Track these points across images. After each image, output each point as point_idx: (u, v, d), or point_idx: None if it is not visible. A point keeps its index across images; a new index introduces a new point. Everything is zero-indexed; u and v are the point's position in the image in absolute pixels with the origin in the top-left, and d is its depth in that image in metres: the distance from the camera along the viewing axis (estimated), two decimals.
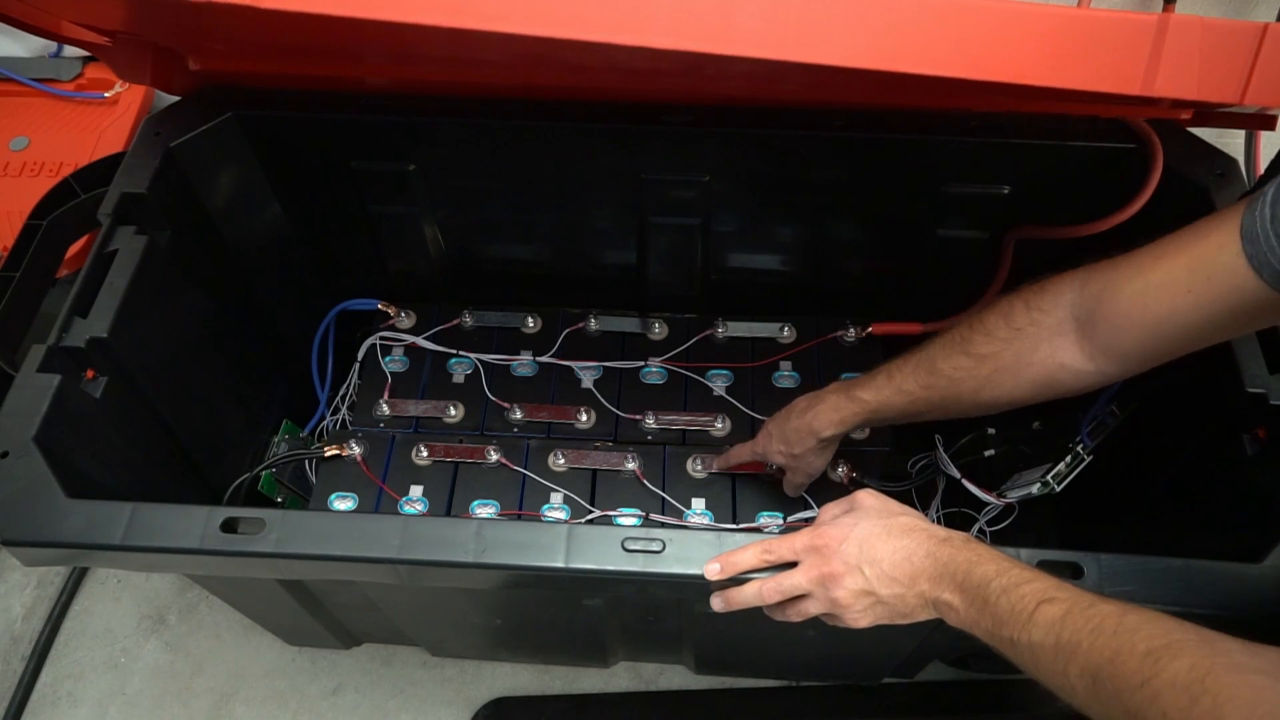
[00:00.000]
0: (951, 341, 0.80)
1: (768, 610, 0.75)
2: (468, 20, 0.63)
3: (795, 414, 0.93)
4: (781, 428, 0.95)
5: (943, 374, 0.80)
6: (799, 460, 0.95)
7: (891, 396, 0.84)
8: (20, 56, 1.36)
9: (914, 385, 0.82)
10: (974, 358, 0.78)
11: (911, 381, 0.83)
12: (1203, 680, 0.48)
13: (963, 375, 0.79)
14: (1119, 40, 0.66)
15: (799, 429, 0.92)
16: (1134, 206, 0.92)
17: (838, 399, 0.89)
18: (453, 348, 1.17)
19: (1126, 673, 0.52)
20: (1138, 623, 0.53)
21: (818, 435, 0.91)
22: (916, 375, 0.82)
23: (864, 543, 0.69)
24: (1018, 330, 0.75)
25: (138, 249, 0.90)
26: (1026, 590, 0.60)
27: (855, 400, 0.87)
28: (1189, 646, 0.50)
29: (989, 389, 0.78)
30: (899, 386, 0.84)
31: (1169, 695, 0.49)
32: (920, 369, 0.82)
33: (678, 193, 1.05)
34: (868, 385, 0.87)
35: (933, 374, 0.81)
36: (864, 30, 0.64)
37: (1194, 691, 0.48)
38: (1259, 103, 0.67)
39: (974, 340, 0.78)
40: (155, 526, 0.74)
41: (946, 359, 0.80)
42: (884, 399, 0.85)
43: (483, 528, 0.74)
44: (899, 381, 0.84)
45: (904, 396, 0.83)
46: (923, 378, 0.82)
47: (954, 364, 0.79)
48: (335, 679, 1.24)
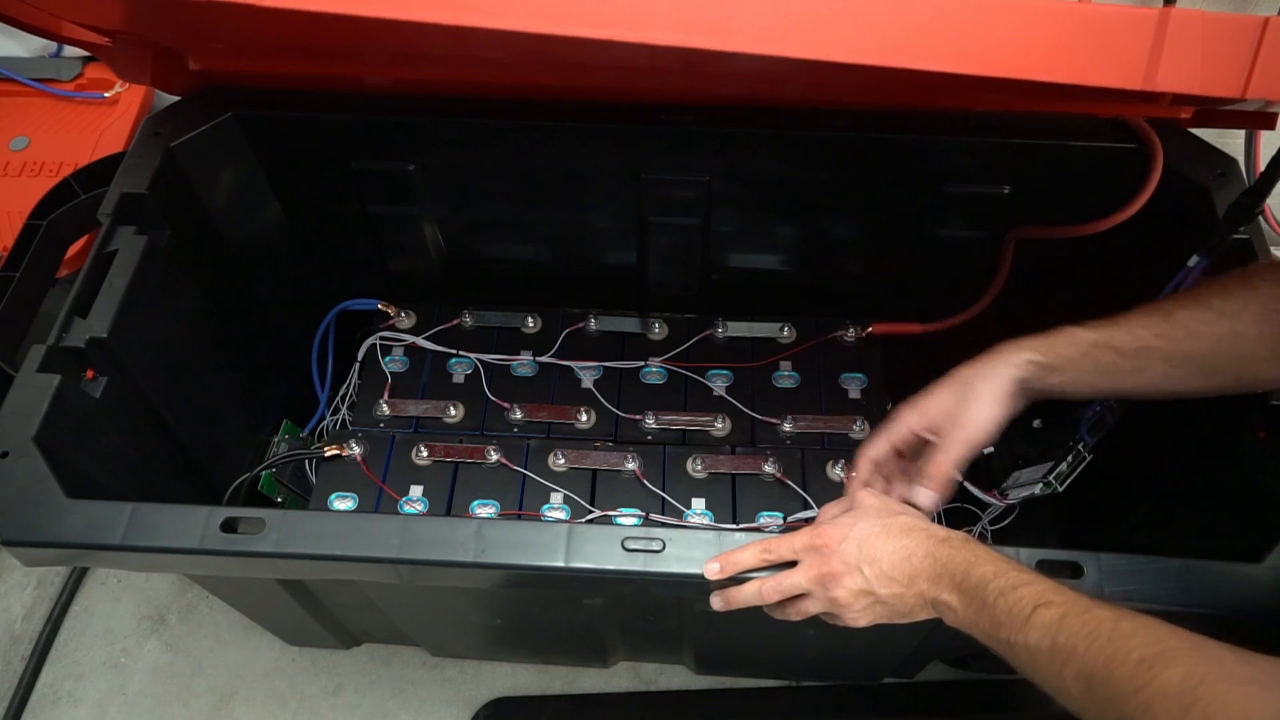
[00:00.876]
0: (1186, 296, 0.74)
1: (767, 609, 0.75)
2: (467, 17, 0.63)
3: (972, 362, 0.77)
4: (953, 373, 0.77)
5: (1179, 323, 0.72)
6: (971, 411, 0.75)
7: (1118, 337, 0.73)
8: (20, 56, 1.36)
9: (1146, 330, 0.72)
10: (1214, 311, 0.71)
11: (1143, 326, 0.72)
12: (1195, 690, 0.48)
13: (1201, 328, 0.71)
14: (1120, 34, 0.66)
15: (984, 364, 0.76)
16: (1134, 206, 0.93)
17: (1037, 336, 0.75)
18: (453, 348, 1.17)
19: (1120, 679, 0.52)
20: (1133, 629, 0.54)
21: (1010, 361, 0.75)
22: (1148, 321, 0.72)
23: (863, 542, 0.69)
24: (1255, 291, 0.70)
25: (138, 249, 0.90)
26: (1024, 593, 0.60)
27: (1066, 332, 0.74)
28: (1182, 654, 0.50)
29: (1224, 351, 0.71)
30: (1128, 329, 0.73)
31: (1161, 703, 0.49)
32: (1152, 316, 0.73)
33: (678, 193, 1.05)
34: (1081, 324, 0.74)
35: (1169, 321, 0.72)
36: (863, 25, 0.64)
37: (1186, 700, 0.48)
38: (1261, 96, 0.67)
39: (1212, 295, 0.72)
40: (155, 526, 0.74)
41: (1182, 309, 0.72)
42: (1107, 337, 0.73)
43: (483, 528, 0.74)
44: (1126, 324, 0.73)
45: (1133, 340, 0.72)
46: (1157, 324, 0.72)
47: (1190, 314, 0.72)
48: (335, 679, 1.24)
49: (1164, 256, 0.93)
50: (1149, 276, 0.95)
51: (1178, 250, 0.90)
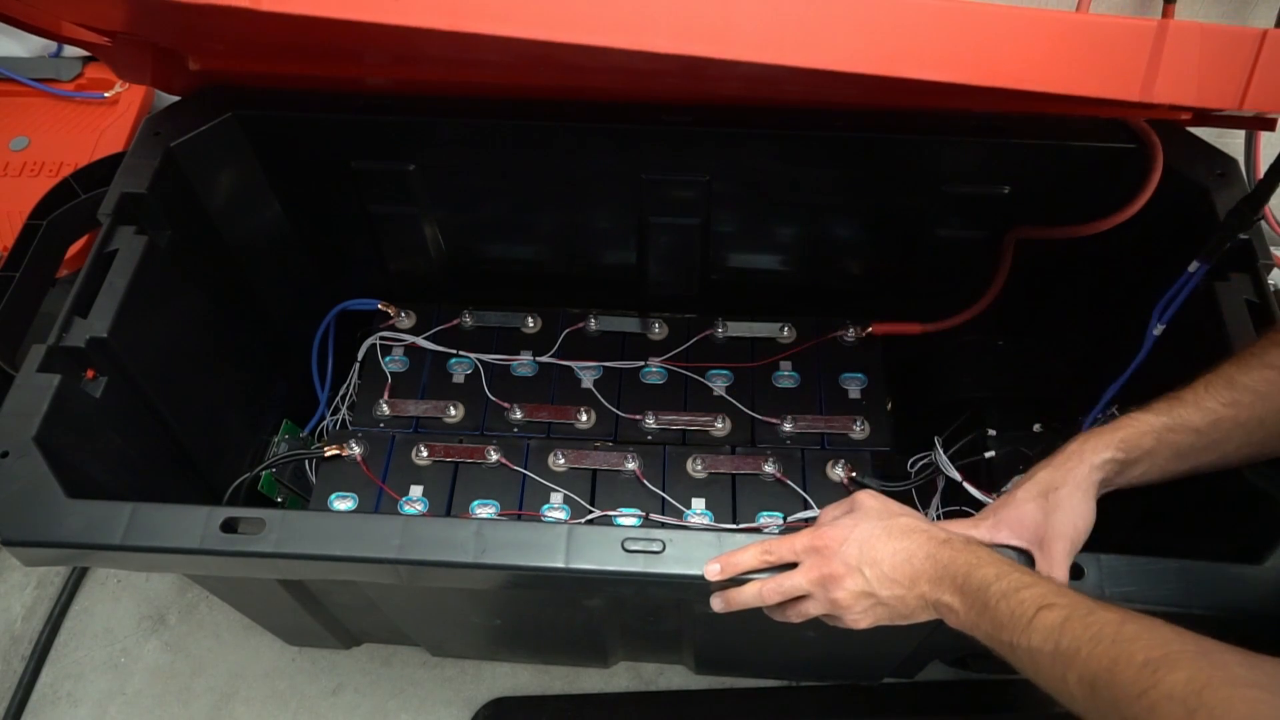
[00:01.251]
0: (1243, 359, 0.73)
1: (768, 611, 0.75)
2: (467, 24, 0.63)
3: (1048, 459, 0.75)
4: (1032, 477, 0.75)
5: (1246, 388, 0.71)
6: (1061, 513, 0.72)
7: (1187, 415, 0.72)
8: (20, 56, 1.36)
9: (1214, 402, 0.72)
10: (1276, 369, 0.71)
11: (1210, 399, 0.72)
12: (1199, 694, 0.48)
13: (1269, 389, 0.71)
14: (1118, 45, 0.66)
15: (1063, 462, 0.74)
16: (1134, 206, 0.92)
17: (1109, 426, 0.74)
18: (453, 348, 1.17)
19: (1124, 682, 0.52)
20: (1136, 632, 0.54)
21: (1089, 460, 0.73)
22: (1213, 392, 0.72)
23: (864, 544, 0.69)
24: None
25: (138, 249, 0.90)
26: (1026, 595, 0.60)
27: (1136, 419, 0.73)
28: (1186, 658, 0.50)
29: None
30: (1194, 404, 0.72)
31: (1166, 707, 0.49)
32: (1215, 386, 0.72)
33: (678, 193, 1.05)
34: (1148, 409, 0.74)
35: (1233, 388, 0.72)
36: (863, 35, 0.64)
37: (1190, 705, 0.48)
38: (1258, 108, 0.67)
39: (1269, 353, 0.72)
40: (155, 526, 0.74)
41: (1244, 373, 0.72)
42: (1178, 418, 0.73)
43: (483, 528, 0.74)
44: (1193, 400, 0.73)
45: (1204, 414, 0.72)
46: (1222, 394, 0.72)
47: (1255, 376, 0.71)
48: (335, 679, 1.24)
49: (1164, 256, 0.93)
50: (1149, 277, 0.95)
51: (1178, 250, 0.90)
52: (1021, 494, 0.74)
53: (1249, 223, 0.85)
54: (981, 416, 1.04)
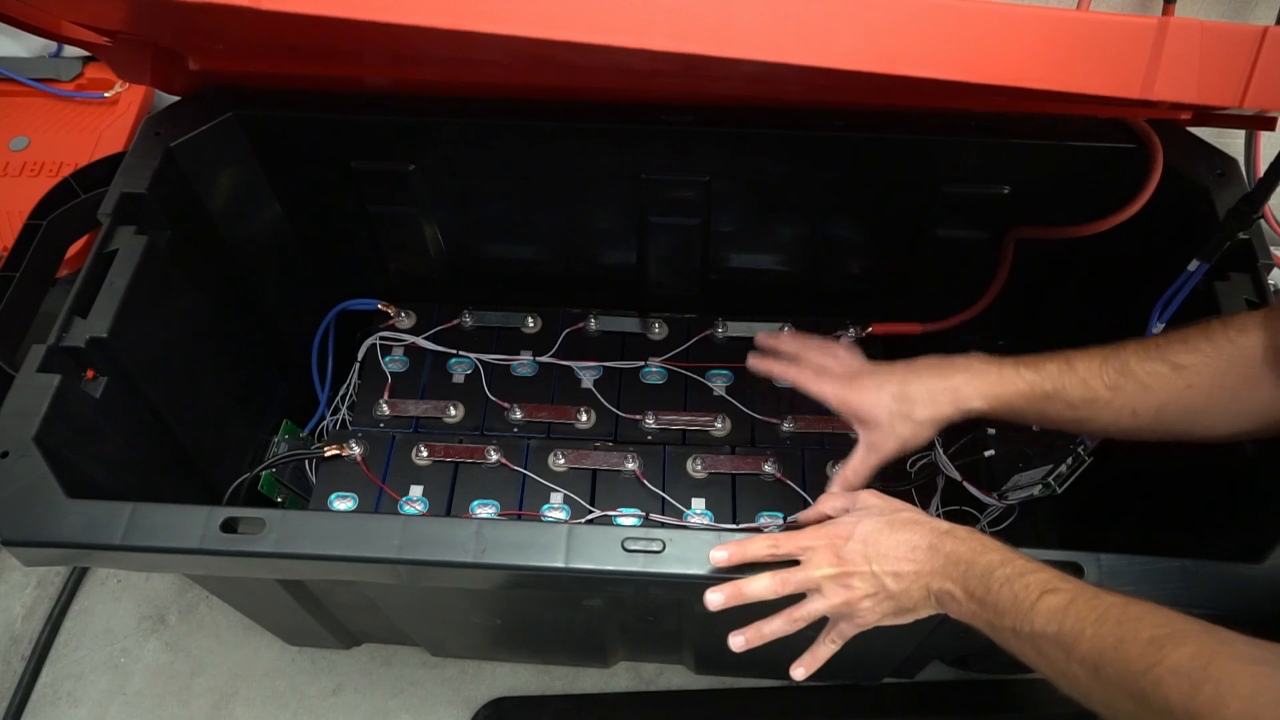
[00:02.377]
0: (1146, 346, 0.74)
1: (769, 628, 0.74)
2: (467, 22, 0.63)
3: (931, 371, 0.80)
4: (905, 383, 0.80)
5: (1135, 376, 0.72)
6: (909, 425, 0.80)
7: (1070, 387, 0.74)
8: (20, 56, 1.36)
9: (1099, 382, 0.74)
10: (1171, 366, 0.71)
11: (1098, 377, 0.74)
12: (1205, 668, 0.49)
13: (1156, 384, 0.72)
14: (1118, 43, 0.66)
15: (937, 391, 0.79)
16: (1134, 206, 0.93)
17: (997, 372, 0.77)
18: (453, 348, 1.17)
19: (1129, 659, 0.52)
20: (1141, 612, 0.54)
21: (959, 405, 0.78)
22: (1104, 371, 0.74)
23: (868, 538, 0.70)
24: (1216, 347, 0.70)
25: (138, 249, 0.90)
26: (1030, 580, 0.61)
27: (1023, 378, 0.76)
28: (1192, 635, 0.51)
29: (1175, 407, 0.72)
30: (1082, 379, 0.74)
31: (1171, 682, 0.49)
32: (1109, 365, 0.74)
33: (678, 193, 1.05)
34: (1039, 367, 0.76)
35: (1124, 373, 0.73)
36: (863, 33, 0.64)
37: (1196, 679, 0.48)
38: (1259, 106, 0.67)
39: (1172, 348, 0.72)
40: (155, 526, 0.74)
41: (1141, 362, 0.73)
42: (1059, 387, 0.75)
43: (483, 528, 0.74)
44: (1082, 373, 0.74)
45: (1085, 391, 0.74)
46: (1111, 375, 0.73)
47: (1149, 368, 0.72)
48: (335, 679, 1.24)
49: (1164, 256, 0.93)
50: (1149, 276, 0.95)
51: (1177, 250, 0.90)
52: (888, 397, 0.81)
53: (1249, 222, 0.85)
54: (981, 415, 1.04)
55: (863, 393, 0.83)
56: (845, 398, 0.84)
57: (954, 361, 0.80)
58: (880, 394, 0.81)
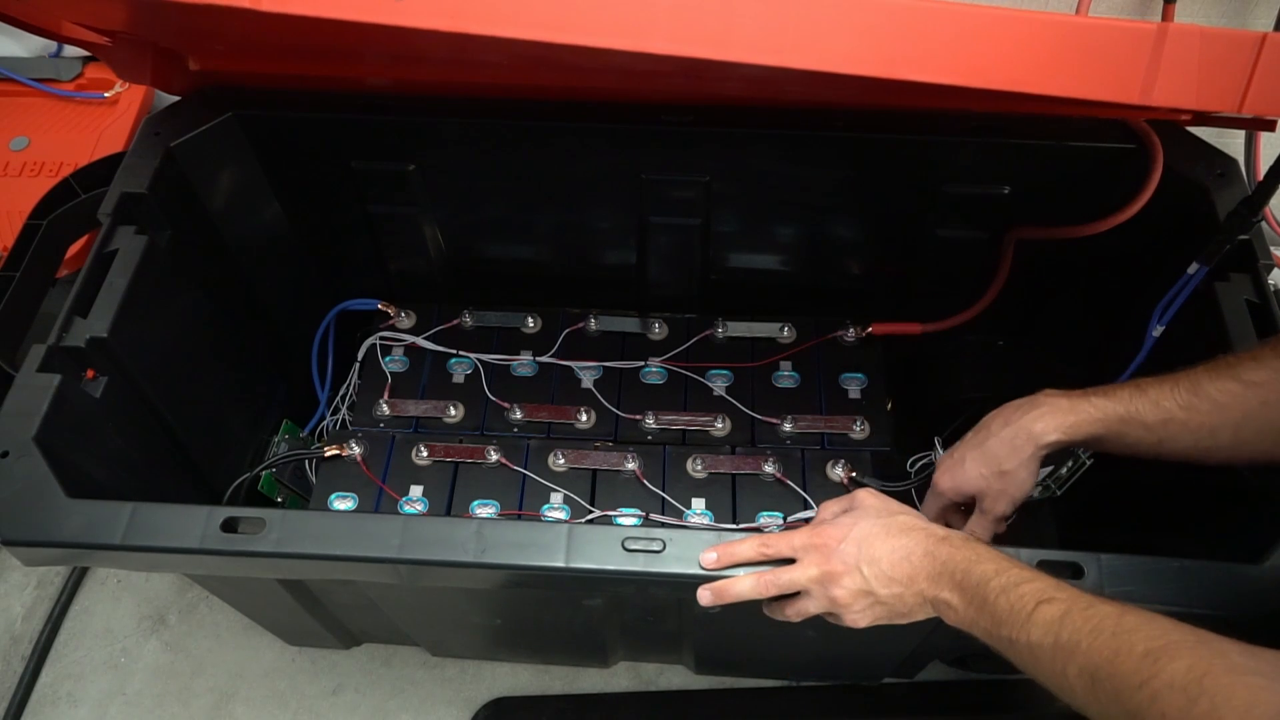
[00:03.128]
0: (1218, 365, 0.74)
1: (766, 610, 0.75)
2: (467, 25, 0.63)
3: (1002, 423, 0.82)
4: (981, 445, 0.83)
5: (1208, 396, 0.73)
6: (1007, 480, 0.82)
7: (1143, 410, 0.75)
8: (20, 56, 1.36)
9: (1172, 403, 0.74)
10: (1243, 383, 0.71)
11: (1170, 398, 0.74)
12: (1200, 681, 0.48)
13: (1229, 401, 0.72)
14: (1118, 48, 0.66)
15: (1013, 437, 0.80)
16: (1134, 206, 0.92)
17: (1068, 402, 0.79)
18: (453, 348, 1.17)
19: (1125, 673, 0.52)
20: (1136, 623, 0.54)
21: (1038, 441, 0.79)
22: (1176, 393, 0.74)
23: (863, 542, 0.69)
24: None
25: (138, 249, 0.90)
26: (1025, 590, 0.60)
27: (1096, 406, 0.78)
28: (1187, 647, 0.51)
29: (1253, 425, 0.71)
30: (1154, 400, 0.75)
31: (1167, 696, 0.49)
32: (1181, 387, 0.74)
33: (678, 193, 1.05)
34: (1110, 394, 0.78)
35: (1196, 394, 0.73)
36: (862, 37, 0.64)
37: (1192, 693, 0.48)
38: (1257, 111, 0.67)
39: (1243, 365, 0.72)
40: (155, 526, 0.74)
41: (1213, 381, 0.73)
42: (1133, 411, 0.76)
43: (483, 528, 0.74)
44: (1154, 395, 0.75)
45: (1159, 413, 0.75)
46: (1183, 396, 0.74)
47: (1221, 387, 0.72)
48: (335, 679, 1.24)
49: (1164, 257, 0.94)
50: (1149, 277, 0.95)
51: (1178, 250, 0.90)
52: (969, 453, 0.84)
53: (1248, 225, 0.85)
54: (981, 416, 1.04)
55: (952, 475, 0.86)
56: (940, 487, 0.88)
57: (1022, 405, 0.82)
58: (965, 468, 0.84)
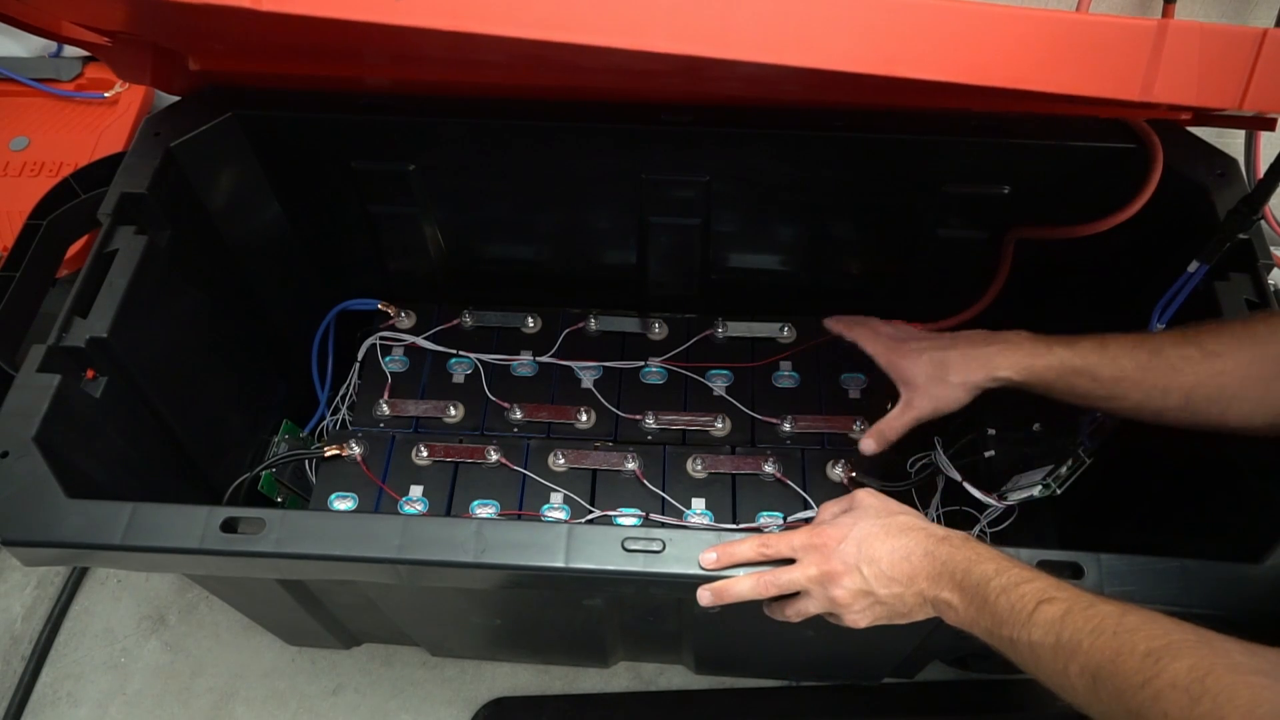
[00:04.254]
0: (1185, 331, 0.75)
1: (767, 610, 0.75)
2: (467, 24, 0.63)
3: (967, 340, 0.85)
4: (943, 349, 0.86)
5: (1167, 358, 0.74)
6: (942, 388, 0.85)
7: (1100, 364, 0.76)
8: (20, 56, 1.36)
9: (1130, 361, 0.75)
10: (1203, 351, 0.72)
11: (1130, 356, 0.75)
12: (1203, 680, 0.48)
13: (1185, 365, 0.73)
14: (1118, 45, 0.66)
15: (970, 357, 0.83)
16: (1134, 206, 0.92)
17: (1032, 344, 0.80)
18: (453, 348, 1.17)
19: (1127, 672, 0.52)
20: (1137, 623, 0.54)
21: (992, 372, 0.81)
22: (1136, 353, 0.75)
23: (862, 542, 0.69)
24: (1252, 334, 0.71)
25: (138, 249, 0.90)
26: (1026, 590, 0.60)
27: (1055, 353, 0.79)
28: (1188, 647, 0.51)
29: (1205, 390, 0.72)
30: (1113, 356, 0.76)
31: (1170, 695, 0.49)
32: (1143, 347, 0.75)
33: (678, 193, 1.05)
34: (1072, 344, 0.78)
35: (1156, 355, 0.74)
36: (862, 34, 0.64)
37: (1194, 692, 0.48)
38: (1258, 108, 0.67)
39: (1206, 333, 0.73)
40: (155, 526, 0.74)
41: (1175, 346, 0.74)
42: (1091, 363, 0.77)
43: (483, 528, 0.74)
44: (1114, 352, 0.76)
45: (1114, 370, 0.76)
46: (1143, 356, 0.75)
47: (1182, 351, 0.73)
48: (335, 679, 1.24)
49: (1164, 256, 0.93)
50: (1149, 276, 0.95)
51: (1178, 250, 0.90)
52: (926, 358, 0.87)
53: (1248, 224, 0.85)
54: (981, 416, 1.04)
55: (905, 355, 0.90)
56: (890, 359, 0.93)
57: (994, 334, 0.85)
58: (920, 358, 0.89)
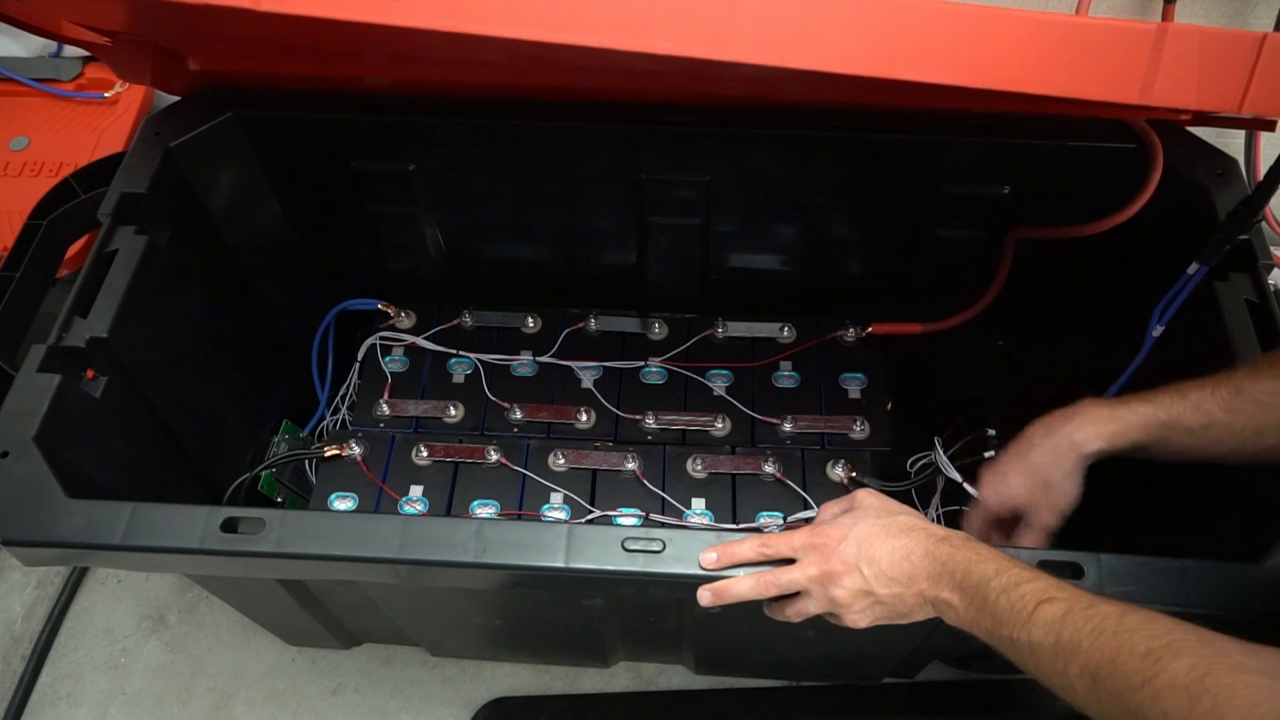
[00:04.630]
0: (1259, 367, 0.74)
1: (766, 610, 0.75)
2: (467, 25, 0.63)
3: (1044, 433, 0.82)
4: (1024, 456, 0.83)
5: (1250, 396, 0.72)
6: (1052, 491, 0.82)
7: (1185, 414, 0.75)
8: (20, 56, 1.36)
9: (1214, 405, 0.74)
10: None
11: (1211, 401, 0.74)
12: (1202, 680, 0.48)
13: (1272, 400, 0.72)
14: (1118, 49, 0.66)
15: (1055, 447, 0.80)
16: (1134, 206, 0.92)
17: (1108, 410, 0.79)
18: (453, 348, 1.17)
19: (1126, 672, 0.52)
20: (1137, 623, 0.54)
21: (1081, 451, 0.79)
22: (1217, 396, 0.74)
23: (862, 542, 0.69)
24: None
25: (138, 249, 0.90)
26: (1026, 590, 0.60)
27: (1135, 412, 0.78)
28: (1188, 646, 0.51)
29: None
30: (1195, 404, 0.75)
31: (1169, 695, 0.49)
32: (1222, 389, 0.74)
33: (678, 193, 1.05)
34: (1151, 400, 0.77)
35: (1238, 395, 0.73)
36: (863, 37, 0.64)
37: (1194, 692, 0.48)
38: (1257, 112, 0.67)
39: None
40: (155, 526, 0.74)
41: (1254, 381, 0.73)
42: (1176, 416, 0.76)
43: (483, 528, 0.74)
44: (1195, 399, 0.75)
45: (1201, 417, 0.74)
46: (1224, 399, 0.74)
47: (1263, 387, 0.72)
48: (335, 679, 1.24)
49: (1164, 257, 0.93)
50: (1149, 277, 0.95)
51: (1178, 250, 0.90)
52: (1013, 466, 0.84)
53: (1248, 225, 0.85)
54: (981, 416, 1.04)
55: (996, 490, 0.86)
56: (986, 503, 0.87)
57: (1063, 414, 0.82)
58: (1009, 481, 0.84)
